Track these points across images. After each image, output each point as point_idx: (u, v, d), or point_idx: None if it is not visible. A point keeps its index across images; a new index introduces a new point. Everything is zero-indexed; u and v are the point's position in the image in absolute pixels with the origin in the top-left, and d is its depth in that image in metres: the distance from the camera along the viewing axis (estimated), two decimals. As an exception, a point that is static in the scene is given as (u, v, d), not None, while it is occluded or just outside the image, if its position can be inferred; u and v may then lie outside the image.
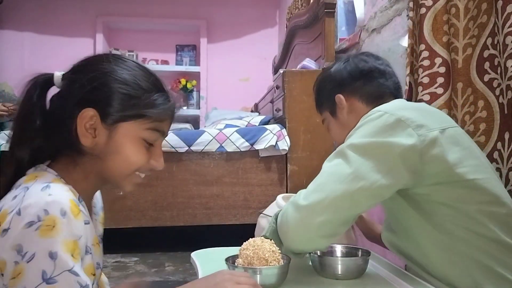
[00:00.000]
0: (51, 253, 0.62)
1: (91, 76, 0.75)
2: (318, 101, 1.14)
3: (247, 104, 4.02)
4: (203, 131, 2.28)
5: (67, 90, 0.77)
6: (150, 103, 0.77)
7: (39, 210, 0.63)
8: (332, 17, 2.20)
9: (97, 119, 0.74)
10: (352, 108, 1.05)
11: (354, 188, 0.83)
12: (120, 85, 0.75)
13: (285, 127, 2.21)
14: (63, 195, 0.67)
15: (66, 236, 0.64)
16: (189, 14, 4.17)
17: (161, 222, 2.24)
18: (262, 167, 2.27)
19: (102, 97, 0.75)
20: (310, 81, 2.18)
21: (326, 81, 1.11)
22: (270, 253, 0.86)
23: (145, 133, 0.77)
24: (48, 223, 0.63)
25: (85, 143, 0.74)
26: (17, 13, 3.94)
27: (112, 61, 0.78)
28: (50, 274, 0.62)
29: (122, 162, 0.77)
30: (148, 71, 0.80)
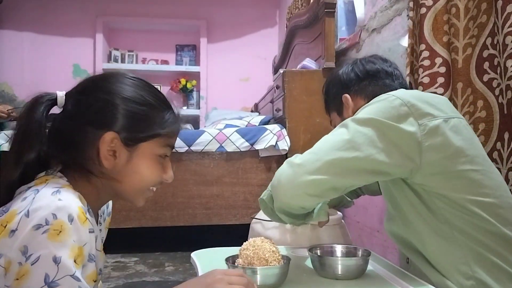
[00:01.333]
0: (55, 258, 0.63)
1: (104, 98, 0.77)
2: (327, 102, 1.18)
3: (247, 104, 4.02)
4: (203, 131, 2.28)
5: (78, 111, 0.77)
6: (164, 122, 0.80)
7: (48, 214, 0.64)
8: (332, 17, 2.20)
9: (117, 141, 0.76)
10: (358, 107, 1.04)
11: (347, 156, 0.85)
12: (135, 105, 0.77)
13: (285, 127, 2.21)
14: (72, 202, 0.68)
15: (72, 241, 0.65)
16: (189, 14, 4.17)
17: (161, 222, 2.25)
18: (262, 167, 2.27)
19: (120, 120, 0.76)
20: (310, 81, 2.21)
21: (334, 82, 1.14)
22: (270, 253, 0.86)
23: (160, 150, 0.80)
24: (55, 227, 0.64)
25: (107, 166, 0.76)
26: (17, 13, 3.94)
27: (121, 79, 0.79)
28: (52, 278, 0.62)
29: (138, 180, 0.79)
30: (154, 88, 0.83)
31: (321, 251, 1.01)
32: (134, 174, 0.78)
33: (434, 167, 0.85)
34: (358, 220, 2.07)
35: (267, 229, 1.31)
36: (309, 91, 2.19)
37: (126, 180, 0.78)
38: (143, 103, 0.78)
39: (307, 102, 2.18)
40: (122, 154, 0.77)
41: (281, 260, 0.87)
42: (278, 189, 0.93)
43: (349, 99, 1.08)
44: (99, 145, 0.75)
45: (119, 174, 0.78)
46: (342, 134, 0.89)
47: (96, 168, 0.76)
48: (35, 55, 3.96)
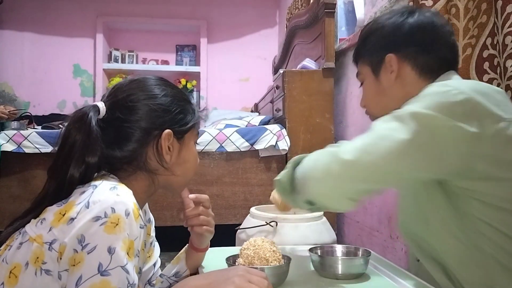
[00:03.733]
0: (110, 248, 0.68)
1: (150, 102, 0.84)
2: (361, 51, 1.00)
3: (247, 104, 4.02)
4: (203, 131, 2.28)
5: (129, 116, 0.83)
6: (194, 112, 0.89)
7: (107, 207, 0.69)
8: (332, 17, 2.20)
9: (171, 137, 0.84)
10: (401, 75, 0.92)
11: (407, 165, 0.75)
12: (176, 102, 0.86)
13: (285, 127, 2.21)
14: (129, 198, 0.73)
15: (125, 235, 0.70)
16: (189, 14, 4.17)
17: (161, 222, 2.24)
18: (262, 167, 2.27)
19: (168, 117, 0.85)
20: (310, 81, 2.21)
21: (379, 34, 0.95)
22: (271, 253, 0.87)
23: (195, 137, 0.91)
24: (113, 220, 0.69)
25: (168, 160, 0.84)
26: (17, 13, 3.94)
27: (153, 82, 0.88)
28: (105, 267, 0.67)
29: (190, 168, 0.90)
30: (174, 84, 0.93)
31: (321, 251, 1.01)
32: (185, 163, 0.88)
33: (488, 171, 0.77)
34: (358, 220, 2.08)
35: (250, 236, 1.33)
36: (309, 91, 2.19)
37: (181, 170, 0.87)
38: (178, 98, 0.87)
39: (307, 102, 2.18)
40: (175, 148, 0.85)
41: (281, 260, 0.87)
42: (313, 181, 0.84)
43: (396, 62, 0.91)
44: (162, 143, 0.83)
45: (173, 166, 0.85)
46: (399, 131, 0.75)
47: (154, 165, 0.83)
48: (35, 55, 3.96)
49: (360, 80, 1.01)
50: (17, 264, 0.71)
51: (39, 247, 0.70)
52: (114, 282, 0.67)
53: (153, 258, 1.06)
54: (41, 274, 0.70)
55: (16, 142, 2.10)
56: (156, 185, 0.86)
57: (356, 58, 1.02)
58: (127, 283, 0.69)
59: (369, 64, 0.97)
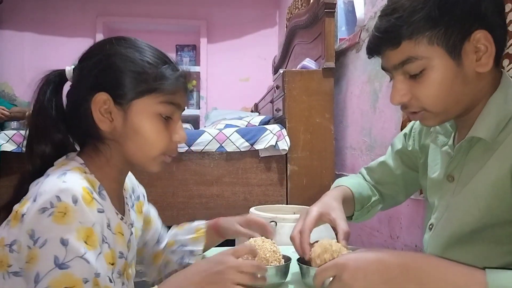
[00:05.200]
0: (62, 240, 0.63)
1: (96, 60, 0.76)
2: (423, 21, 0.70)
3: (247, 104, 4.02)
4: (203, 131, 2.28)
5: (77, 79, 0.78)
6: (158, 76, 0.75)
7: (52, 197, 0.65)
8: (332, 17, 2.20)
9: (110, 102, 0.74)
10: (488, 58, 0.72)
11: None
12: (126, 63, 0.75)
13: (285, 127, 2.21)
14: (76, 183, 0.68)
15: (78, 223, 0.65)
16: (189, 14, 4.17)
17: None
18: (262, 167, 2.27)
19: (110, 79, 0.75)
20: (310, 81, 2.21)
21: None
22: (271, 253, 0.86)
23: (160, 108, 0.76)
24: (60, 209, 0.64)
25: (104, 128, 0.75)
26: (17, 13, 3.94)
27: (115, 42, 0.79)
28: (62, 260, 0.63)
29: (144, 142, 0.76)
30: (151, 46, 0.81)
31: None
32: (136, 135, 0.75)
33: None
34: (358, 220, 2.08)
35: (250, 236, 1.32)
36: (309, 91, 2.19)
37: (130, 142, 0.76)
38: (133, 60, 0.76)
39: (307, 102, 2.18)
40: (117, 115, 0.75)
41: (281, 260, 0.87)
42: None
43: (492, 42, 0.70)
44: (92, 107, 0.74)
45: (121, 137, 0.76)
46: None
47: (98, 133, 0.75)
48: (35, 55, 3.96)
49: (416, 68, 0.73)
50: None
51: (1, 250, 0.67)
52: (76, 274, 0.63)
53: (153, 224, 1.05)
54: (10, 277, 0.66)
55: (16, 142, 2.10)
56: (117, 156, 0.78)
57: (404, 34, 0.71)
58: (93, 272, 0.65)
59: (445, 43, 0.71)
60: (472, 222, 0.77)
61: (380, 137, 1.85)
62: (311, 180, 2.19)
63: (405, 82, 0.76)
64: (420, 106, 0.76)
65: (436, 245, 0.85)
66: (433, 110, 0.76)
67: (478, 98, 0.77)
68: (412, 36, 0.71)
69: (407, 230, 1.61)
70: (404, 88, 0.76)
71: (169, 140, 0.78)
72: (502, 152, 0.72)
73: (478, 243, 0.77)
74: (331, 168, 2.18)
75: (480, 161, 0.77)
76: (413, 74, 0.74)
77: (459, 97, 0.74)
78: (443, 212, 0.85)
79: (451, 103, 0.75)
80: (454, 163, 0.84)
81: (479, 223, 0.75)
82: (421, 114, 0.78)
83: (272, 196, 2.24)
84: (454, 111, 0.77)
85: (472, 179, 0.78)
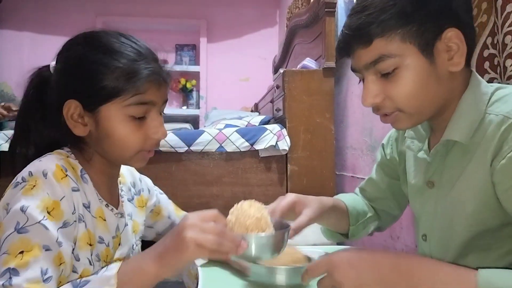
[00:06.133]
0: (23, 207, 0.66)
1: (65, 66, 0.76)
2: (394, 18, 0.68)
3: (247, 104, 4.02)
4: (203, 131, 2.28)
5: (52, 82, 0.78)
6: (123, 79, 0.73)
7: (26, 172, 0.69)
8: (332, 17, 2.19)
9: (80, 108, 0.75)
10: (460, 58, 0.71)
11: None
12: (90, 67, 0.73)
13: (285, 127, 2.21)
14: (50, 161, 0.71)
15: (45, 194, 0.67)
16: (189, 14, 4.17)
17: (161, 222, 2.24)
18: (262, 167, 2.26)
19: (77, 85, 0.74)
20: (311, 81, 2.21)
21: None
22: (253, 220, 0.71)
23: (129, 110, 0.74)
24: (30, 183, 0.68)
25: (78, 133, 0.76)
26: (17, 13, 3.94)
27: (83, 43, 0.77)
28: (22, 225, 0.65)
29: (116, 144, 0.75)
30: (123, 43, 0.78)
31: None
32: (108, 138, 0.75)
33: None
34: (358, 220, 2.07)
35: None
36: (309, 91, 2.18)
37: (104, 144, 0.76)
38: (98, 63, 0.73)
39: (307, 102, 2.17)
40: (89, 120, 0.75)
41: (268, 229, 0.72)
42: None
43: (463, 40, 0.69)
44: (64, 114, 0.75)
45: (97, 139, 0.77)
46: None
47: (76, 135, 0.77)
48: (34, 54, 3.96)
49: (388, 67, 0.70)
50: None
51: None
52: (34, 239, 0.64)
53: (164, 212, 1.05)
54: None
55: (16, 142, 2.10)
56: (99, 154, 0.79)
57: (376, 32, 0.69)
58: (54, 241, 0.65)
59: (418, 40, 0.68)
60: (461, 232, 0.76)
61: (381, 137, 1.84)
62: (311, 180, 2.18)
63: (377, 82, 0.73)
64: (394, 107, 0.74)
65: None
66: (407, 110, 0.73)
67: (450, 98, 0.75)
68: (384, 33, 0.69)
69: (407, 230, 1.61)
70: (376, 89, 0.73)
71: (144, 138, 0.77)
72: (481, 156, 0.71)
73: (470, 253, 0.76)
74: (332, 168, 2.18)
75: (459, 165, 0.76)
76: (385, 73, 0.72)
77: (433, 97, 0.73)
78: (431, 221, 0.84)
79: (425, 103, 0.73)
80: (432, 168, 0.82)
81: (468, 232, 0.74)
82: (395, 116, 0.75)
83: (272, 196, 2.22)
84: (428, 112, 0.75)
85: (454, 185, 0.76)
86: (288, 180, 2.21)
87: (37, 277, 0.62)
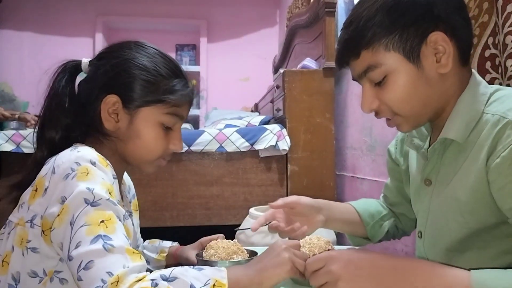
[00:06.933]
0: (88, 188, 0.66)
1: (114, 62, 0.80)
2: (379, 31, 0.72)
3: (247, 104, 4.02)
4: (203, 131, 2.28)
5: (92, 76, 0.82)
6: (168, 89, 0.81)
7: (71, 163, 0.69)
8: (332, 17, 2.19)
9: (119, 104, 0.79)
10: (447, 60, 0.73)
11: None
12: (140, 71, 0.79)
13: (285, 127, 2.20)
14: (90, 151, 0.73)
15: (101, 179, 0.69)
16: (189, 14, 4.17)
17: (161, 222, 2.24)
18: (262, 167, 2.26)
19: (123, 83, 0.79)
20: (311, 81, 2.21)
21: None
22: (221, 249, 0.86)
23: (163, 118, 0.81)
24: (82, 171, 0.68)
25: (108, 127, 0.80)
26: (17, 13, 3.93)
27: (134, 48, 0.82)
28: (92, 200, 0.66)
29: (142, 146, 0.81)
30: (167, 57, 0.85)
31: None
32: (137, 138, 0.80)
33: None
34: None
35: (249, 237, 1.32)
36: (309, 91, 2.18)
37: (130, 144, 0.81)
38: (148, 69, 0.80)
39: (307, 102, 2.17)
40: (124, 117, 0.80)
41: (232, 257, 0.85)
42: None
43: (448, 42, 0.71)
44: (101, 107, 0.79)
45: (123, 137, 0.80)
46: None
47: (102, 129, 0.80)
48: (34, 54, 3.95)
49: (378, 75, 0.74)
50: (7, 252, 0.70)
51: (22, 228, 0.70)
52: (108, 210, 0.66)
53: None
54: (28, 253, 0.68)
55: (15, 142, 2.09)
56: (117, 152, 0.82)
57: (361, 44, 0.73)
58: (122, 213, 0.68)
59: (402, 46, 0.71)
60: (457, 229, 0.76)
61: (381, 137, 1.84)
62: (312, 180, 2.18)
63: (372, 90, 0.78)
64: (390, 112, 0.78)
65: (434, 257, 0.84)
66: (402, 113, 0.77)
67: (446, 99, 0.77)
68: (369, 45, 0.73)
69: (408, 230, 1.61)
70: (371, 95, 0.78)
71: (166, 147, 0.84)
72: (476, 155, 0.72)
73: (467, 251, 0.77)
74: (332, 168, 2.18)
75: (455, 163, 0.77)
76: (377, 82, 0.76)
77: (425, 99, 0.75)
78: (426, 217, 0.85)
79: (418, 106, 0.76)
80: (430, 167, 0.84)
81: (465, 229, 0.75)
82: (395, 120, 0.79)
83: (272, 196, 2.24)
84: (425, 113, 0.78)
85: (450, 183, 0.78)
86: (288, 180, 2.21)
87: (126, 242, 0.65)
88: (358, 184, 2.08)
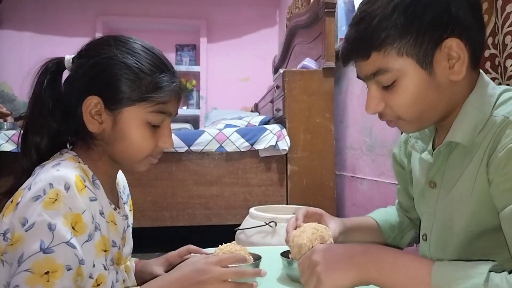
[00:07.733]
0: (50, 225, 0.64)
1: (93, 61, 0.76)
2: (391, 33, 0.68)
3: (247, 104, 4.02)
4: (203, 131, 2.28)
5: (73, 75, 0.78)
6: (152, 86, 0.76)
7: (45, 184, 0.66)
8: (332, 17, 2.20)
9: (101, 106, 0.75)
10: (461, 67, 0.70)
11: None
12: (121, 69, 0.75)
13: (285, 127, 2.21)
14: (69, 171, 0.69)
15: (67, 209, 0.66)
16: (189, 14, 4.17)
17: (161, 222, 2.24)
18: (262, 167, 2.26)
19: (104, 83, 0.75)
20: (311, 81, 2.21)
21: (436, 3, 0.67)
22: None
23: (149, 116, 0.77)
24: (51, 196, 0.65)
25: (92, 130, 0.76)
26: (17, 13, 3.94)
27: (113, 44, 0.78)
28: (48, 245, 0.63)
29: (129, 147, 0.77)
30: (150, 51, 0.80)
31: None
32: (123, 139, 0.76)
33: None
34: (358, 220, 2.07)
35: (249, 236, 1.31)
36: (309, 91, 2.18)
37: (117, 145, 0.77)
38: (129, 67, 0.75)
39: (307, 102, 2.18)
40: (107, 119, 0.76)
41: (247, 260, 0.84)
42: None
43: (463, 48, 0.68)
44: (82, 109, 0.75)
45: (109, 138, 0.77)
46: None
47: (88, 132, 0.76)
48: (34, 54, 3.95)
49: (388, 80, 0.71)
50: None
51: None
52: (59, 259, 0.63)
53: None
54: (4, 266, 0.66)
55: (15, 142, 2.10)
56: (106, 154, 0.79)
57: (372, 46, 0.69)
58: (77, 259, 0.65)
59: (415, 51, 0.68)
60: (459, 232, 0.76)
61: (380, 137, 1.84)
62: (311, 180, 2.18)
63: (379, 91, 0.75)
64: (395, 115, 0.76)
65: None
66: (407, 118, 0.75)
67: (455, 103, 0.75)
68: (381, 48, 0.70)
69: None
70: (378, 97, 0.75)
71: (155, 145, 0.80)
72: (480, 156, 0.70)
73: (471, 256, 0.75)
74: (332, 168, 2.18)
75: (460, 165, 0.76)
76: (385, 85, 0.73)
77: (433, 105, 0.73)
78: (431, 220, 0.84)
79: (426, 111, 0.73)
80: (434, 169, 0.83)
81: (467, 232, 0.74)
82: (396, 123, 0.78)
83: (272, 196, 2.24)
84: (431, 118, 0.76)
85: (455, 185, 0.77)
86: (288, 180, 2.21)
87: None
88: (357, 184, 2.08)
